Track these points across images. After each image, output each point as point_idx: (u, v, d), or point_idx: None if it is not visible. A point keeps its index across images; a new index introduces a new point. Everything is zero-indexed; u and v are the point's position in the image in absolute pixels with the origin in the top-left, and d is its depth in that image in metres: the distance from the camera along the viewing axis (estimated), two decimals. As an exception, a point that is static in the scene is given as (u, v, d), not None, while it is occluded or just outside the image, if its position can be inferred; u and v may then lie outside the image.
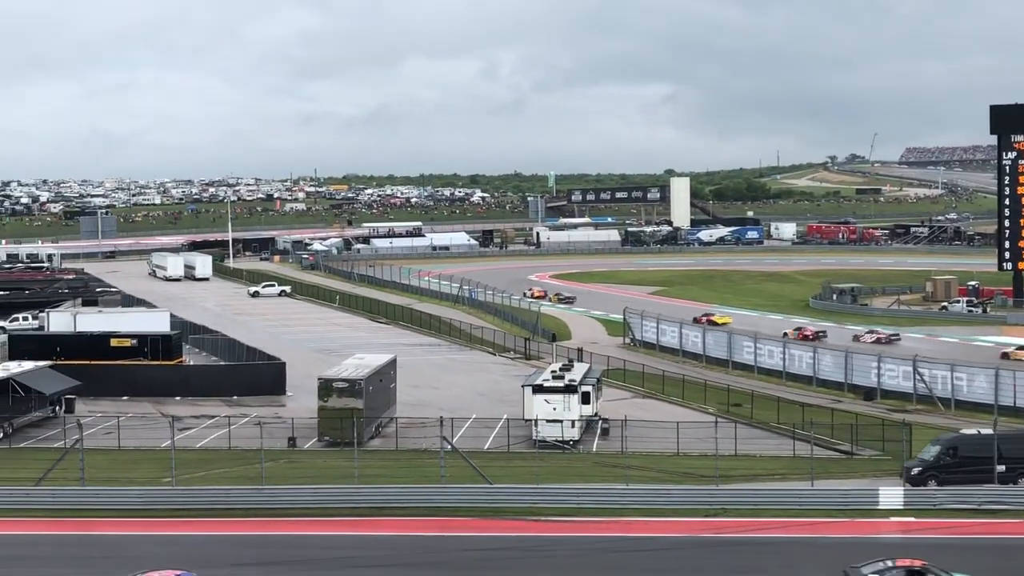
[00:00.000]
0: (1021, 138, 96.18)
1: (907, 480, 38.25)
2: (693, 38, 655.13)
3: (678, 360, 70.00)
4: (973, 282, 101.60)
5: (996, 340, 75.04)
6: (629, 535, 33.28)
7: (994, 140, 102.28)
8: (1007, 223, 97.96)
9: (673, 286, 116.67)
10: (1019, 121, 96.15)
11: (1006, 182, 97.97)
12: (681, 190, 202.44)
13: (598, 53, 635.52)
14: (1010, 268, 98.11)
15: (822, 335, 78.11)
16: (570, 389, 47.84)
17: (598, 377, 53.81)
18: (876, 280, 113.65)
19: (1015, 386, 52.90)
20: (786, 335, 75.60)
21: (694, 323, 78.72)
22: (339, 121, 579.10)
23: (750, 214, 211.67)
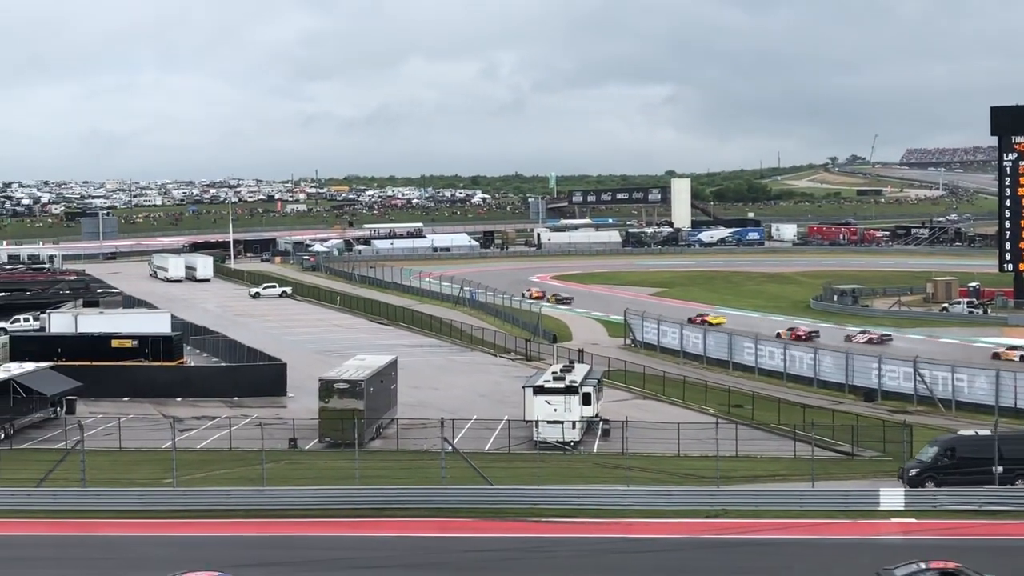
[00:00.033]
0: (1022, 139, 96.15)
1: (905, 481, 38.24)
2: (694, 39, 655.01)
3: (679, 361, 70.00)
4: (974, 283, 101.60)
5: (997, 341, 74.97)
6: (630, 536, 33.26)
7: (995, 141, 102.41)
8: (1008, 224, 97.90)
9: (674, 287, 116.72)
10: (1020, 122, 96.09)
11: (1007, 183, 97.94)
12: (682, 191, 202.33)
13: (599, 54, 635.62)
14: (1011, 269, 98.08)
15: (815, 335, 78.97)
16: (571, 390, 47.84)
17: (599, 378, 53.83)
18: (877, 281, 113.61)
19: (1016, 387, 52.91)
20: (779, 335, 76.28)
21: (688, 323, 78.82)
22: (340, 122, 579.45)
23: (751, 215, 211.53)
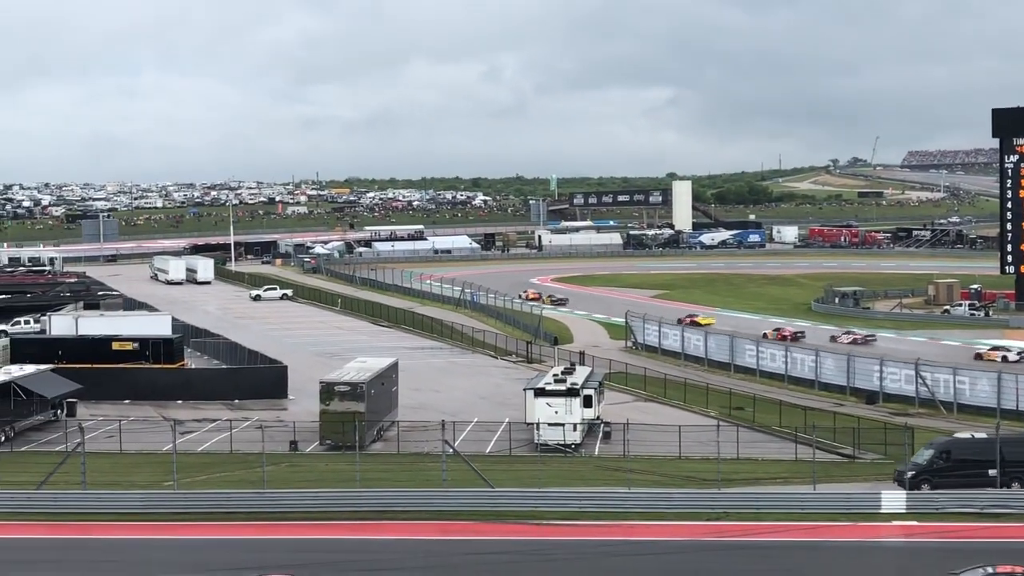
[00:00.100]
0: (1023, 141, 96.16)
1: (899, 484, 38.06)
2: (695, 41, 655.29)
3: (680, 363, 69.94)
4: (975, 285, 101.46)
5: (998, 343, 74.91)
6: (631, 539, 33.23)
7: (996, 143, 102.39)
8: (1009, 226, 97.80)
9: (675, 289, 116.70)
10: (1021, 124, 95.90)
11: (1008, 185, 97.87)
12: (683, 193, 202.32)
13: (600, 56, 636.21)
14: (1012, 271, 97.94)
15: (800, 336, 79.52)
16: (572, 393, 47.81)
17: (600, 381, 53.79)
18: (878, 283, 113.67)
19: (1017, 389, 52.87)
20: (765, 336, 76.55)
21: (677, 324, 78.74)
22: (341, 124, 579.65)
23: (752, 217, 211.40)
